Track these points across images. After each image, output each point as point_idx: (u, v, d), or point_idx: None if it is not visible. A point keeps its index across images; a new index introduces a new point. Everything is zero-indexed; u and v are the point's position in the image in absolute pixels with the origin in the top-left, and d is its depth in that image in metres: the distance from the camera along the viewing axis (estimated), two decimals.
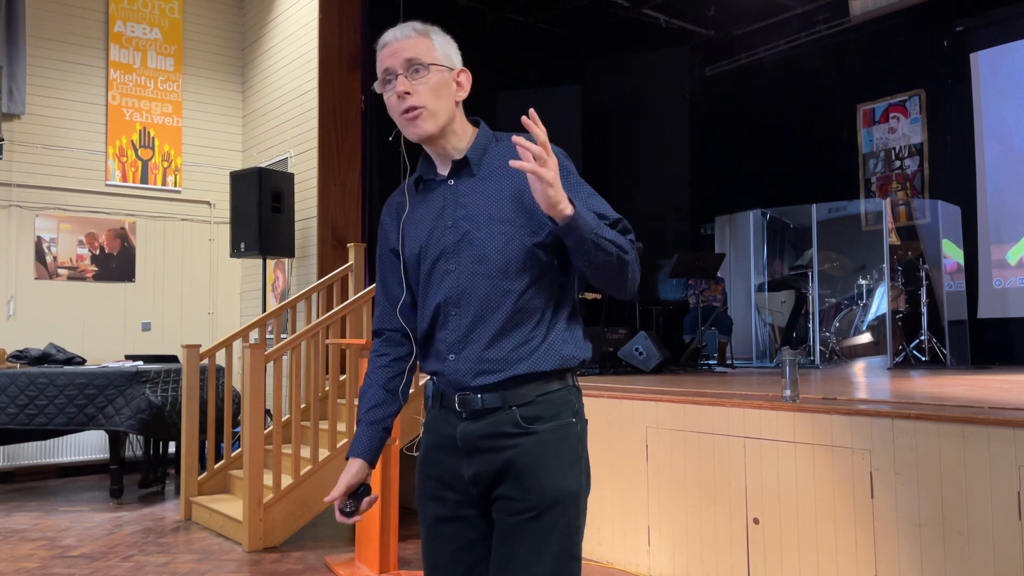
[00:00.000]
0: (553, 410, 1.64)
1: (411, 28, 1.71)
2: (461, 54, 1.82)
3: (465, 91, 1.74)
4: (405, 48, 1.68)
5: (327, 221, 6.39)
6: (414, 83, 1.67)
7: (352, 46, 6.61)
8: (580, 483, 1.65)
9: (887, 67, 7.96)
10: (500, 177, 1.69)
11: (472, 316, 1.64)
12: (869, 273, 7.42)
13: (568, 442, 1.64)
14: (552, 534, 1.60)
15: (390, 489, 3.81)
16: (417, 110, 1.68)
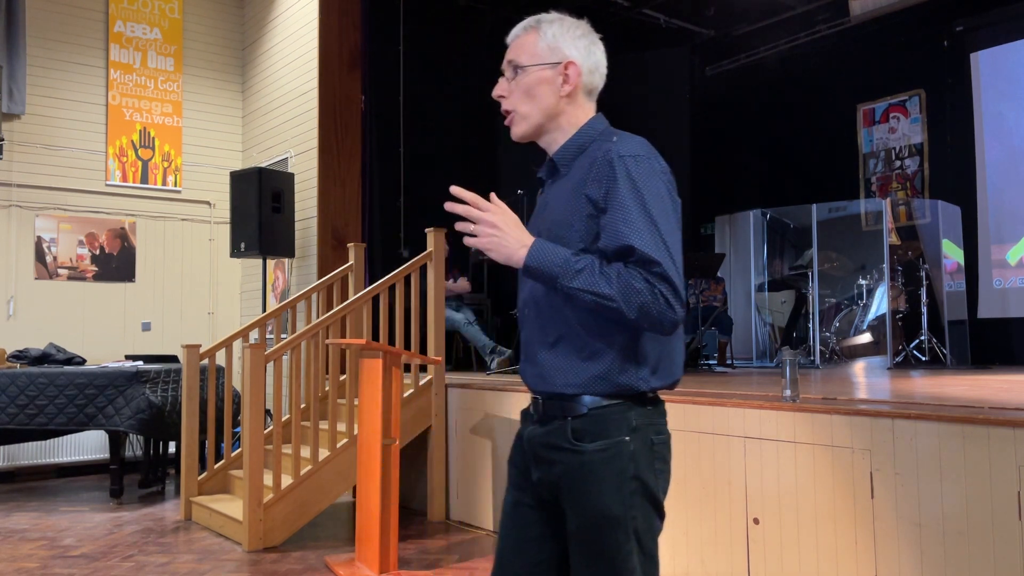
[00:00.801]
0: (602, 426, 1.58)
1: (523, 25, 1.70)
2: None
3: (572, 84, 1.67)
4: (512, 48, 1.71)
5: (327, 221, 6.39)
6: (511, 85, 1.69)
7: (352, 46, 6.61)
8: (628, 504, 1.56)
9: (887, 67, 7.96)
10: (572, 179, 1.65)
11: (534, 321, 1.66)
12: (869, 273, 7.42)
13: (615, 463, 1.57)
14: (600, 560, 1.57)
15: (390, 489, 3.81)
16: (509, 114, 1.70)
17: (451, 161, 7.62)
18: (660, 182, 1.58)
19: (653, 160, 1.59)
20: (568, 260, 1.53)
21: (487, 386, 4.80)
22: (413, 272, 5.00)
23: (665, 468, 1.64)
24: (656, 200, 1.55)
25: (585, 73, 1.68)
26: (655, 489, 1.60)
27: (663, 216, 1.54)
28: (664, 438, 1.64)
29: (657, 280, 1.50)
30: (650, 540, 1.59)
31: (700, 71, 9.39)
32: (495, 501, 4.66)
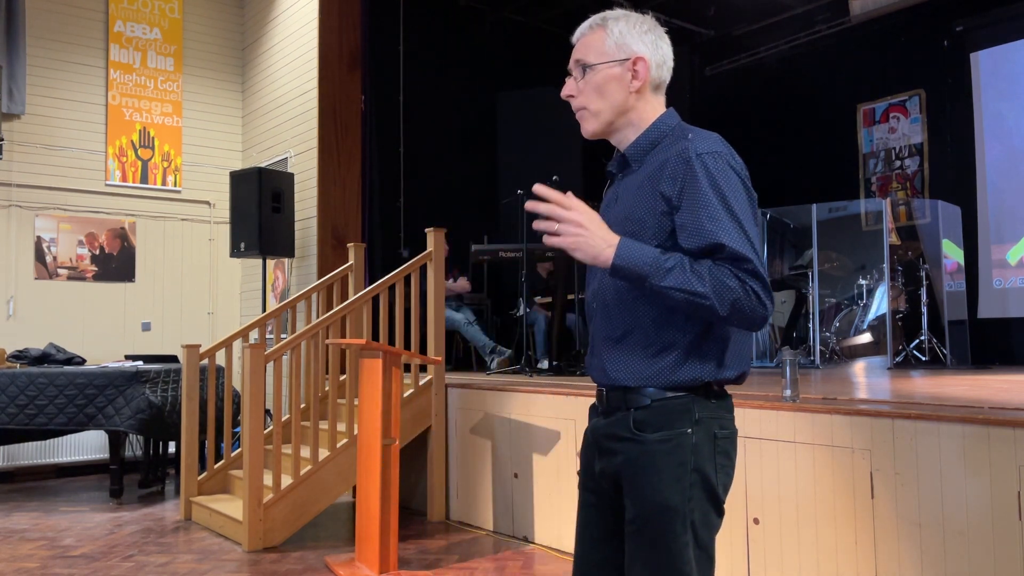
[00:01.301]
0: (665, 418, 1.59)
1: (589, 23, 1.71)
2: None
3: (641, 79, 1.67)
4: (579, 48, 1.72)
5: (327, 221, 6.39)
6: (580, 84, 1.71)
7: (352, 46, 6.61)
8: (686, 496, 1.56)
9: (887, 67, 7.96)
10: (646, 175, 1.65)
11: (601, 315, 1.68)
12: (869, 273, 7.42)
13: (677, 454, 1.57)
14: (655, 550, 1.58)
15: (390, 489, 3.81)
16: (580, 111, 1.72)
17: (451, 161, 7.62)
18: (738, 178, 1.59)
19: (730, 157, 1.60)
20: (658, 259, 1.52)
21: (487, 386, 4.80)
22: (413, 272, 5.00)
23: (727, 463, 1.63)
24: (737, 197, 1.56)
25: (653, 68, 1.69)
26: (715, 483, 1.59)
27: (745, 213, 1.55)
28: (728, 433, 1.63)
29: (748, 277, 1.51)
30: (707, 535, 1.59)
31: (700, 71, 9.39)
32: (495, 501, 4.66)
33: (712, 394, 1.62)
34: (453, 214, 6.77)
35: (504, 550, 4.26)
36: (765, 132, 8.73)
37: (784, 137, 8.57)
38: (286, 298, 6.56)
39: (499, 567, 3.94)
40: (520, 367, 5.69)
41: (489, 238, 6.93)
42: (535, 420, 4.40)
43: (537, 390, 4.44)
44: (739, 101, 8.99)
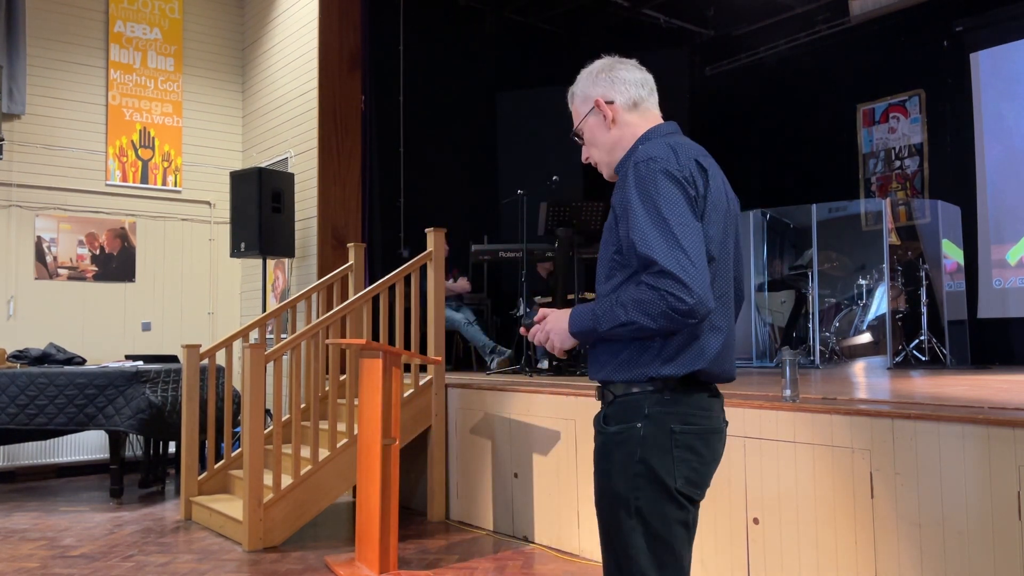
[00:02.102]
0: (623, 412, 1.72)
1: (569, 94, 1.92)
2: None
3: (610, 112, 1.84)
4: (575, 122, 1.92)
5: (327, 221, 6.39)
6: (585, 147, 1.93)
7: (352, 46, 6.61)
8: (631, 485, 1.67)
9: (887, 67, 7.96)
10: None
11: None
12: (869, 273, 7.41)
13: (626, 446, 1.69)
14: (606, 534, 1.74)
15: (390, 489, 3.82)
16: (596, 165, 1.93)
17: (451, 161, 7.63)
18: (664, 179, 1.65)
19: (665, 161, 1.67)
20: (593, 312, 1.69)
21: (487, 386, 4.81)
22: (413, 272, 5.00)
23: (691, 457, 1.70)
24: (662, 197, 1.64)
25: (616, 97, 1.85)
26: (664, 475, 1.67)
27: (669, 211, 1.62)
28: (692, 428, 1.70)
29: (658, 278, 1.59)
30: (660, 524, 1.67)
31: (700, 71, 9.38)
32: (495, 501, 4.66)
33: (667, 390, 1.70)
34: (453, 214, 6.77)
35: (504, 550, 4.26)
36: (765, 132, 8.73)
37: (784, 137, 8.57)
38: (286, 298, 6.56)
39: (499, 567, 3.94)
40: (520, 367, 5.69)
41: (489, 238, 6.94)
42: (535, 420, 4.41)
43: (537, 390, 4.44)
44: (739, 101, 8.99)
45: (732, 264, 1.81)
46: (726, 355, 1.75)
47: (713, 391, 1.77)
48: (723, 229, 1.74)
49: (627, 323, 1.62)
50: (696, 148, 1.78)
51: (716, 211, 1.72)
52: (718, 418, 1.78)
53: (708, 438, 1.73)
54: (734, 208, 1.84)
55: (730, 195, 1.83)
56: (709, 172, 1.72)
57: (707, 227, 1.68)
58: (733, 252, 1.82)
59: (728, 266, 1.78)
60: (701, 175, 1.70)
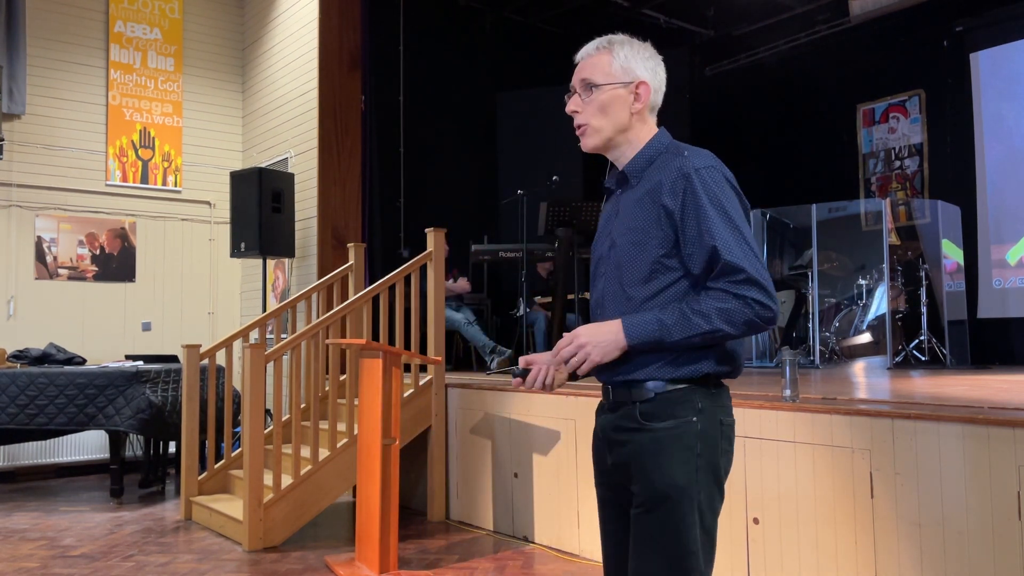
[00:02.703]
0: (670, 408, 1.70)
1: (595, 44, 1.83)
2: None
3: (643, 102, 1.80)
4: (584, 67, 1.83)
5: (327, 221, 6.39)
6: (584, 101, 1.82)
7: (352, 46, 6.61)
8: (693, 479, 1.67)
9: (887, 67, 7.96)
10: (645, 190, 1.77)
11: (602, 319, 1.78)
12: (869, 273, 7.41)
13: (684, 439, 1.68)
14: (664, 531, 1.67)
15: (390, 489, 3.82)
16: (582, 127, 1.84)
17: (451, 162, 7.63)
18: (732, 190, 1.71)
19: (724, 169, 1.73)
20: (661, 321, 1.66)
21: (487, 386, 4.81)
22: (413, 272, 5.00)
23: (729, 449, 1.74)
24: (733, 206, 1.68)
25: (653, 92, 1.82)
26: (719, 468, 1.71)
27: (741, 220, 1.68)
28: (732, 421, 1.76)
29: (745, 287, 1.63)
30: (711, 518, 1.69)
31: (700, 71, 9.39)
32: (495, 501, 4.66)
33: (711, 384, 1.73)
34: (453, 214, 6.77)
35: (504, 550, 4.26)
36: (765, 132, 8.73)
37: (784, 137, 8.56)
38: (286, 298, 6.56)
39: (499, 567, 3.94)
40: None
41: (489, 238, 6.94)
42: (535, 420, 4.41)
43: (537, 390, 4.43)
44: (739, 101, 8.99)
45: None
46: (742, 353, 1.82)
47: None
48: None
49: (709, 332, 1.64)
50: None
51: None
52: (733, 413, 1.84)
53: (735, 429, 1.79)
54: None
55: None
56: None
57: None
58: None
59: None
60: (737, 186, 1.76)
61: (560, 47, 8.68)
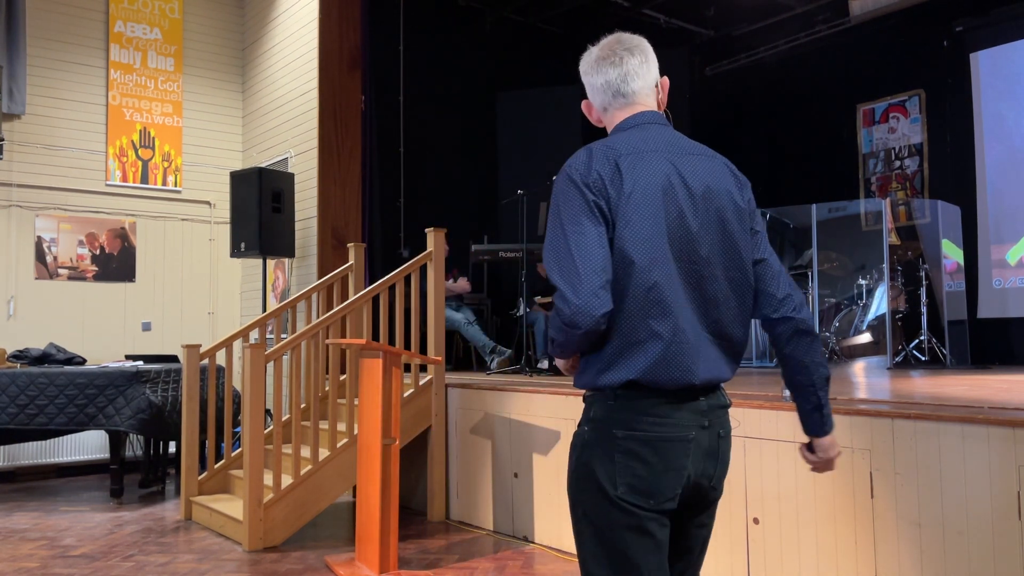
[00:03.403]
0: (580, 417, 1.75)
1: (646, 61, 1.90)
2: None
3: (592, 117, 1.89)
4: None
5: (327, 221, 6.39)
6: None
7: (352, 46, 6.61)
8: (574, 487, 1.71)
9: (887, 67, 7.96)
10: None
11: None
12: (869, 273, 7.42)
13: (575, 448, 1.72)
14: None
15: (390, 489, 3.82)
16: None
17: (451, 161, 7.63)
18: (568, 187, 1.67)
19: (568, 168, 1.70)
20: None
21: (487, 386, 4.81)
22: (413, 272, 5.00)
23: (632, 463, 1.62)
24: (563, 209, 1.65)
25: (594, 97, 1.84)
26: (603, 479, 1.63)
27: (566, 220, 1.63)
28: (636, 435, 1.62)
29: (556, 296, 1.61)
30: (607, 528, 1.63)
31: (700, 71, 9.39)
32: (495, 501, 4.66)
33: (613, 396, 1.66)
34: (453, 214, 6.77)
35: (504, 550, 4.26)
36: (765, 132, 8.73)
37: (784, 137, 8.56)
38: (286, 298, 6.56)
39: (499, 567, 3.94)
40: (520, 367, 5.69)
41: (489, 238, 6.94)
42: (535, 420, 4.41)
43: (537, 390, 4.44)
44: (739, 101, 8.99)
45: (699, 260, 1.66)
46: (671, 362, 1.61)
47: (674, 397, 1.64)
48: (654, 229, 1.62)
49: (553, 341, 1.68)
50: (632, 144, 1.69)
51: (640, 209, 1.62)
52: (680, 426, 1.64)
53: (659, 446, 1.62)
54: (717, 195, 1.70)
55: (696, 183, 1.68)
56: (630, 171, 1.64)
57: (623, 229, 1.60)
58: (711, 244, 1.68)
59: (668, 267, 1.62)
60: (617, 176, 1.64)
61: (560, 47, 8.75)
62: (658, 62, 1.85)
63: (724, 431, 1.73)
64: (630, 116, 1.79)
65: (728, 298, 1.70)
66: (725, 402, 1.75)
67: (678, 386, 1.63)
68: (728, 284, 1.70)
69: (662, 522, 1.65)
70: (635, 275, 1.60)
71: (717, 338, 1.69)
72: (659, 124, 1.77)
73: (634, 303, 1.60)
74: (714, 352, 1.68)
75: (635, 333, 1.61)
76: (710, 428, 1.69)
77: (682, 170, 1.69)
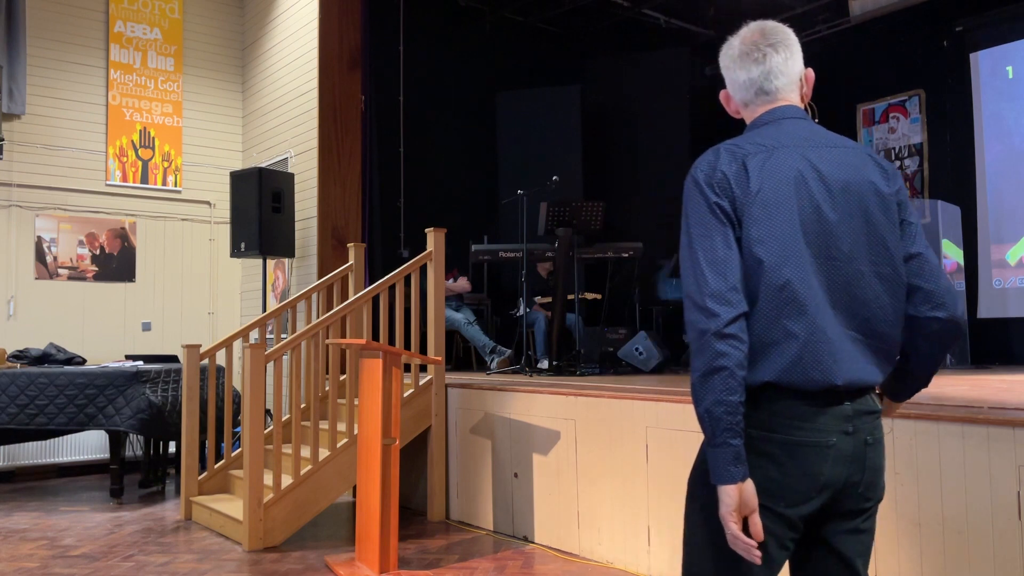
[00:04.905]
0: None
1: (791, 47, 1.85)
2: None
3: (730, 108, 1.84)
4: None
5: (327, 221, 6.39)
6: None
7: (352, 46, 6.61)
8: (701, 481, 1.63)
9: (887, 67, 7.96)
10: None
11: None
12: None
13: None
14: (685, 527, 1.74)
15: (390, 489, 3.82)
16: None
17: (451, 161, 7.63)
18: (695, 192, 1.63)
19: (694, 172, 1.65)
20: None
21: (487, 386, 4.81)
22: (413, 272, 5.00)
23: (763, 464, 1.56)
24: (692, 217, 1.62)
25: (734, 92, 1.80)
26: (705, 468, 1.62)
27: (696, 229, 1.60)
28: (772, 436, 1.57)
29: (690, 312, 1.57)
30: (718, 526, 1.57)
31: (700, 71, 9.38)
32: (495, 501, 4.66)
33: (762, 395, 1.59)
34: (453, 214, 6.77)
35: (504, 550, 4.26)
36: None
37: None
38: (286, 298, 6.56)
39: (499, 567, 3.94)
40: (520, 367, 5.69)
41: (489, 238, 6.94)
42: (535, 420, 4.41)
43: (537, 390, 4.44)
44: None
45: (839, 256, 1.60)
46: (809, 363, 1.55)
47: (816, 401, 1.57)
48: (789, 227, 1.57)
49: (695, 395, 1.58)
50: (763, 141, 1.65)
51: (770, 208, 1.58)
52: (820, 431, 1.57)
53: (795, 450, 1.56)
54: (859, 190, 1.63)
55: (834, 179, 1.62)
56: (757, 171, 1.60)
57: (752, 229, 1.57)
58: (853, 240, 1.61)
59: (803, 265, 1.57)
60: (744, 176, 1.60)
61: (560, 47, 8.75)
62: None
63: (873, 438, 1.63)
64: (766, 112, 1.74)
65: (879, 295, 1.62)
66: (874, 407, 1.64)
67: (817, 388, 1.56)
68: (878, 280, 1.62)
69: (784, 540, 1.59)
70: (765, 274, 1.55)
71: (866, 338, 1.60)
72: (796, 119, 1.71)
73: (767, 303, 1.55)
74: (861, 353, 1.60)
75: (769, 334, 1.56)
76: (855, 434, 1.59)
77: (817, 163, 1.63)
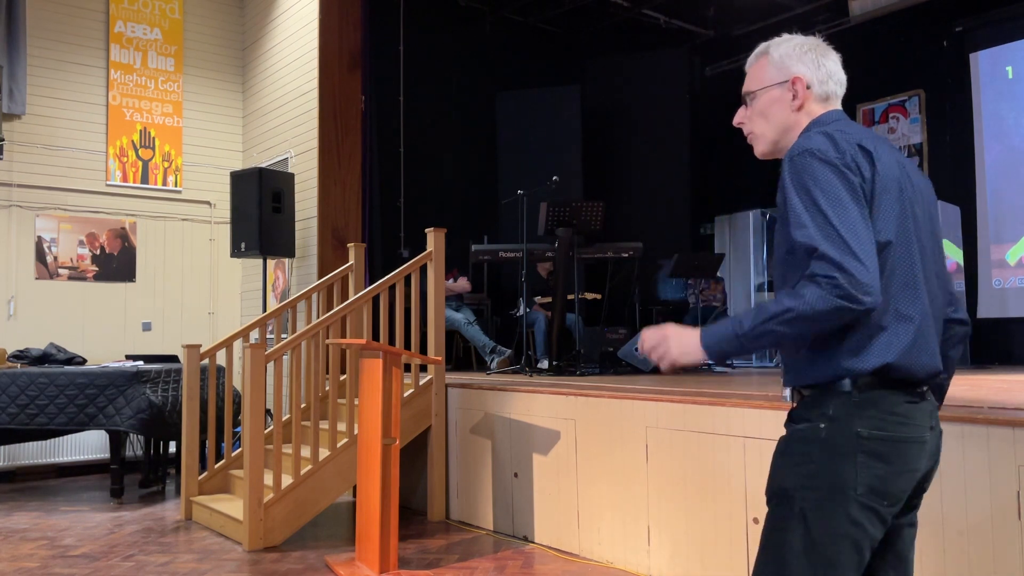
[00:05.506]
0: (806, 412, 1.64)
1: (755, 53, 1.83)
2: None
3: (801, 98, 1.79)
4: (746, 79, 1.85)
5: (327, 221, 6.39)
6: (748, 111, 1.85)
7: (352, 46, 6.61)
8: (800, 485, 1.59)
9: (887, 67, 7.96)
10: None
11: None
12: None
13: (804, 444, 1.61)
14: (767, 531, 1.68)
15: (390, 489, 3.82)
16: (749, 135, 1.87)
17: (451, 161, 7.63)
18: (822, 168, 1.58)
19: (822, 153, 1.60)
20: (736, 316, 1.61)
21: (487, 386, 4.81)
22: (413, 272, 5.00)
23: (874, 464, 1.56)
24: (822, 186, 1.56)
25: (816, 84, 1.80)
26: (844, 481, 1.56)
27: (830, 200, 1.55)
28: (882, 434, 1.57)
29: (817, 265, 1.50)
30: (824, 533, 1.56)
31: (700, 71, 9.38)
32: (495, 501, 4.66)
33: (856, 391, 1.58)
34: (453, 214, 6.78)
35: (504, 550, 4.27)
36: None
37: None
38: (286, 298, 6.56)
39: (499, 567, 3.95)
40: (520, 367, 5.69)
41: (489, 238, 6.94)
42: (535, 420, 4.41)
43: (537, 390, 4.44)
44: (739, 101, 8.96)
45: (925, 247, 1.67)
46: (922, 347, 1.59)
47: (914, 395, 1.61)
48: (900, 211, 1.62)
49: (778, 313, 1.51)
50: (860, 132, 1.70)
51: (887, 193, 1.61)
52: (918, 426, 1.60)
53: (902, 447, 1.58)
54: (923, 189, 1.73)
55: (912, 175, 1.71)
56: (875, 154, 1.63)
57: (877, 211, 1.59)
58: (929, 235, 1.69)
59: (912, 249, 1.62)
60: (865, 158, 1.62)
61: (560, 47, 8.75)
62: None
63: (939, 429, 1.71)
64: (835, 110, 1.83)
65: (937, 295, 1.71)
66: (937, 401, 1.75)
67: (927, 373, 1.61)
68: (936, 279, 1.71)
69: (876, 541, 1.60)
70: (891, 255, 1.59)
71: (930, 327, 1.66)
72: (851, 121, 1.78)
73: (889, 284, 1.58)
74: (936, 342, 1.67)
75: (886, 316, 1.57)
76: (934, 429, 1.67)
77: (903, 162, 1.70)
